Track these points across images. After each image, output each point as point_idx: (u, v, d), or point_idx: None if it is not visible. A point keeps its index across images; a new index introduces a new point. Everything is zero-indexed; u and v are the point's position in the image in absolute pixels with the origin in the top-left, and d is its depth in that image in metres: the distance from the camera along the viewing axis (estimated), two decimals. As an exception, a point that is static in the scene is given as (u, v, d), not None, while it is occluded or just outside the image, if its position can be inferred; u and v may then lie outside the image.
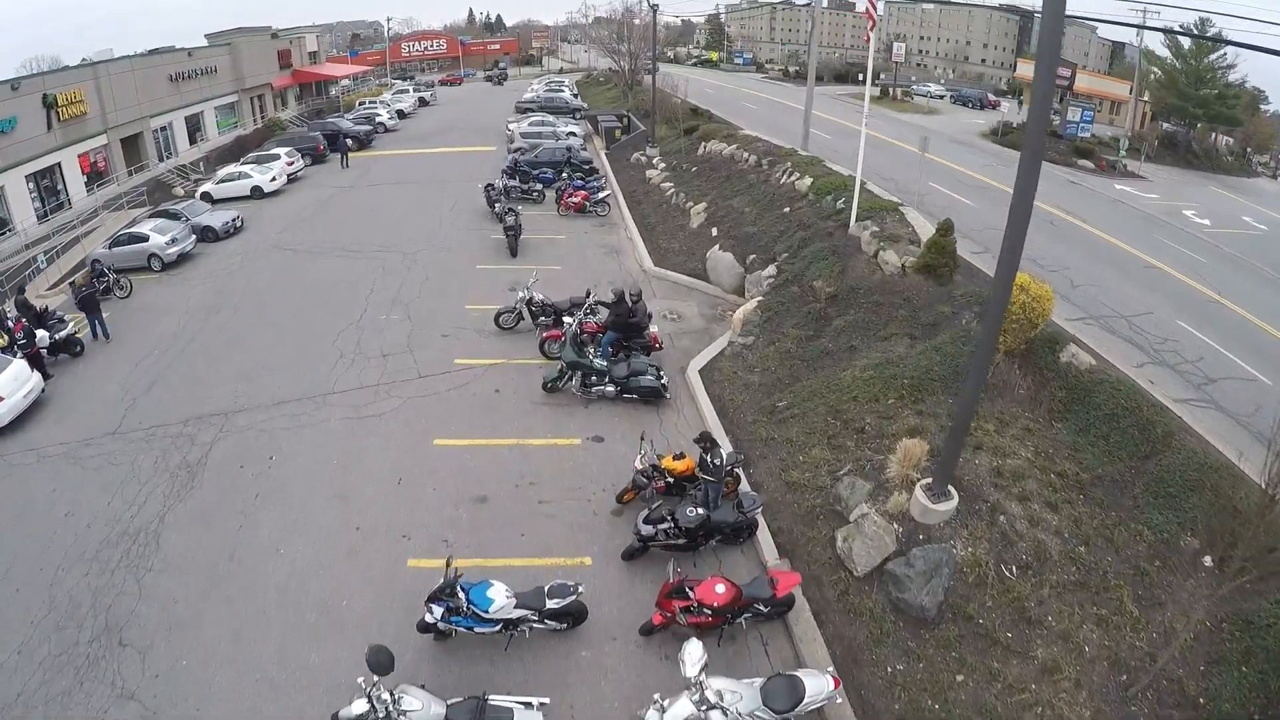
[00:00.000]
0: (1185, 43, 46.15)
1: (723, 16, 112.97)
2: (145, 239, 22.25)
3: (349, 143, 37.03)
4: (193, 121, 40.60)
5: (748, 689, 7.49)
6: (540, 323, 16.38)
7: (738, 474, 11.05)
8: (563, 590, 8.62)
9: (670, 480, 10.59)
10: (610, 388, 13.56)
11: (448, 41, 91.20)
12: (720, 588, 8.60)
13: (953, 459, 9.90)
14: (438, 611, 8.41)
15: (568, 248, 22.79)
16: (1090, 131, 42.40)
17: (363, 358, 15.69)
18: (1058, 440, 11.60)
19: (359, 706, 6.89)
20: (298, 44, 54.73)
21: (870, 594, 9.65)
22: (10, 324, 16.02)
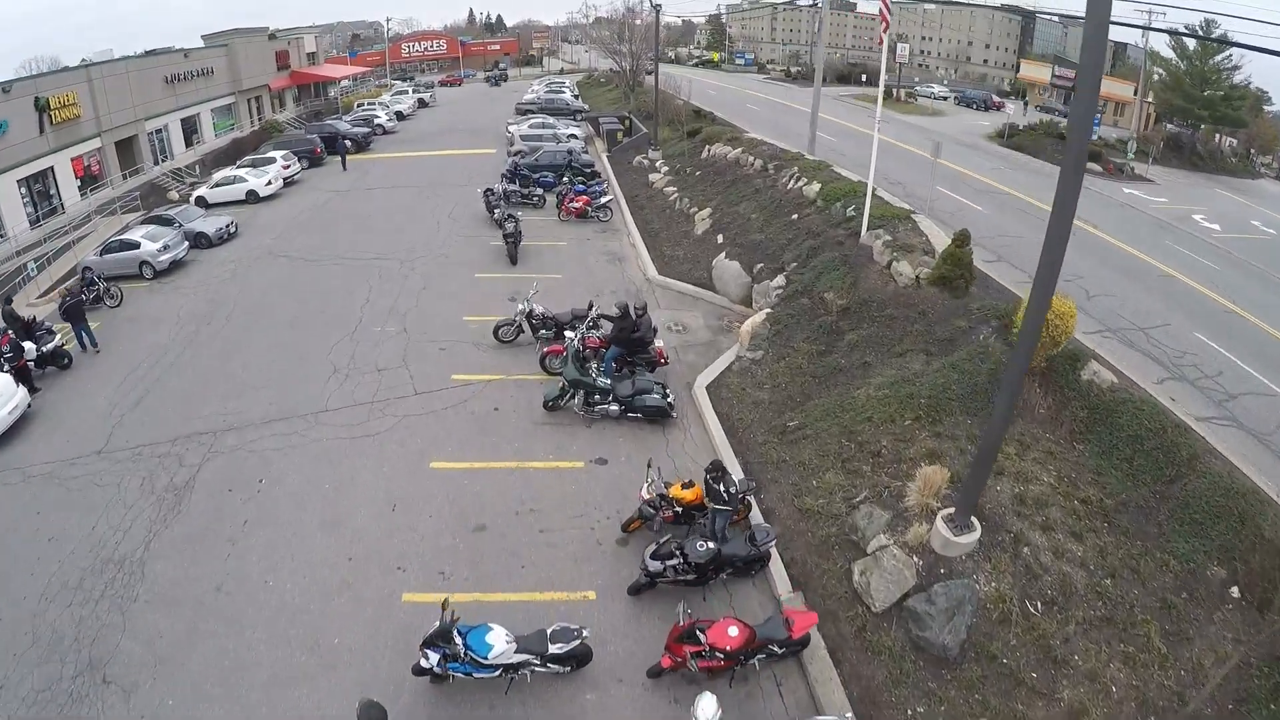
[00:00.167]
0: (1190, 44, 45.72)
1: (724, 17, 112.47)
2: (137, 246, 21.75)
3: (347, 145, 36.55)
4: (189, 124, 40.11)
5: None
6: (541, 336, 15.88)
7: (749, 501, 10.56)
8: (566, 634, 8.14)
9: (679, 510, 10.07)
10: (614, 407, 13.01)
11: (448, 42, 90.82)
12: (733, 630, 8.13)
13: (977, 490, 9.45)
14: (434, 658, 7.93)
15: (569, 255, 22.27)
16: (1097, 134, 41.91)
17: (357, 372, 15.20)
18: (1080, 464, 11.24)
19: None
20: (296, 45, 54.22)
21: (889, 631, 9.26)
22: (-4, 337, 15.58)
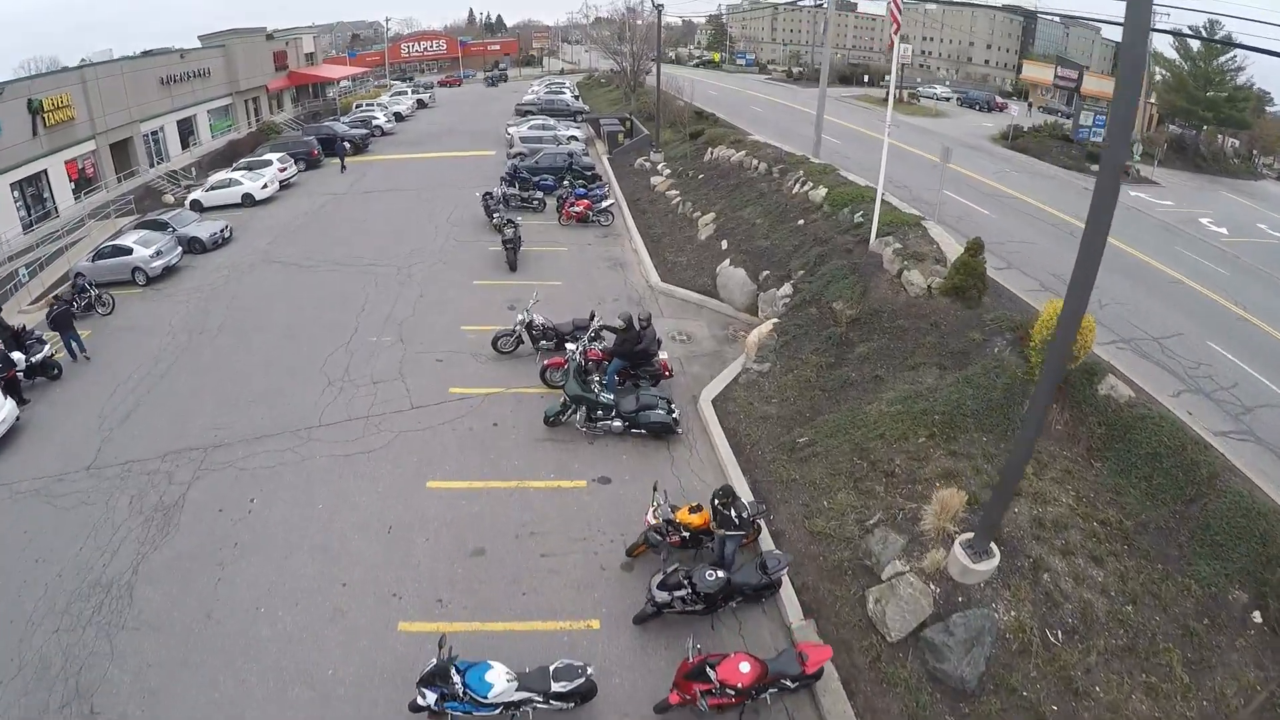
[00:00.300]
0: (1194, 45, 45.34)
1: (724, 17, 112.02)
2: (129, 252, 21.30)
3: (346, 146, 36.15)
4: (185, 125, 39.67)
5: None
6: (541, 347, 15.46)
7: (759, 524, 10.16)
8: (570, 672, 7.74)
9: (686, 535, 9.67)
10: (617, 423, 12.57)
11: (447, 42, 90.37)
12: (745, 666, 7.74)
13: (998, 517, 9.11)
14: (431, 697, 7.55)
15: (569, 261, 21.86)
16: (1103, 136, 41.47)
17: (351, 385, 14.78)
18: (1099, 483, 10.92)
19: None
20: (294, 45, 53.77)
21: (905, 662, 8.91)
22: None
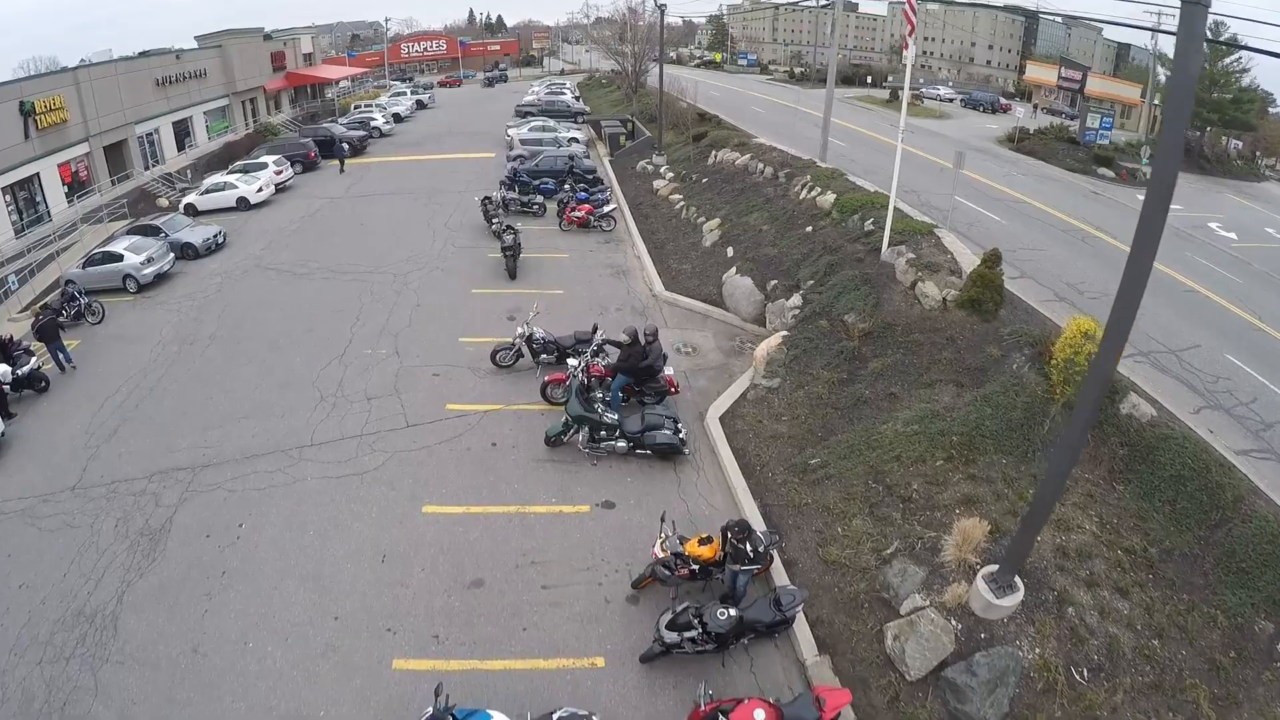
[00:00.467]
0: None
1: (725, 17, 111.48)
2: (120, 258, 20.78)
3: (345, 147, 35.63)
4: (181, 127, 39.16)
5: None
6: (541, 361, 14.89)
7: (771, 555, 9.65)
8: (574, 724, 7.24)
9: (696, 567, 9.16)
10: (622, 443, 12.02)
11: (447, 42, 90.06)
12: (760, 713, 7.24)
13: (1024, 551, 8.62)
14: (425, 750, 7.03)
15: (571, 268, 21.31)
16: (1109, 138, 41.01)
17: (345, 401, 14.23)
18: (1122, 508, 10.48)
19: None
20: (292, 45, 53.29)
21: (925, 703, 8.46)
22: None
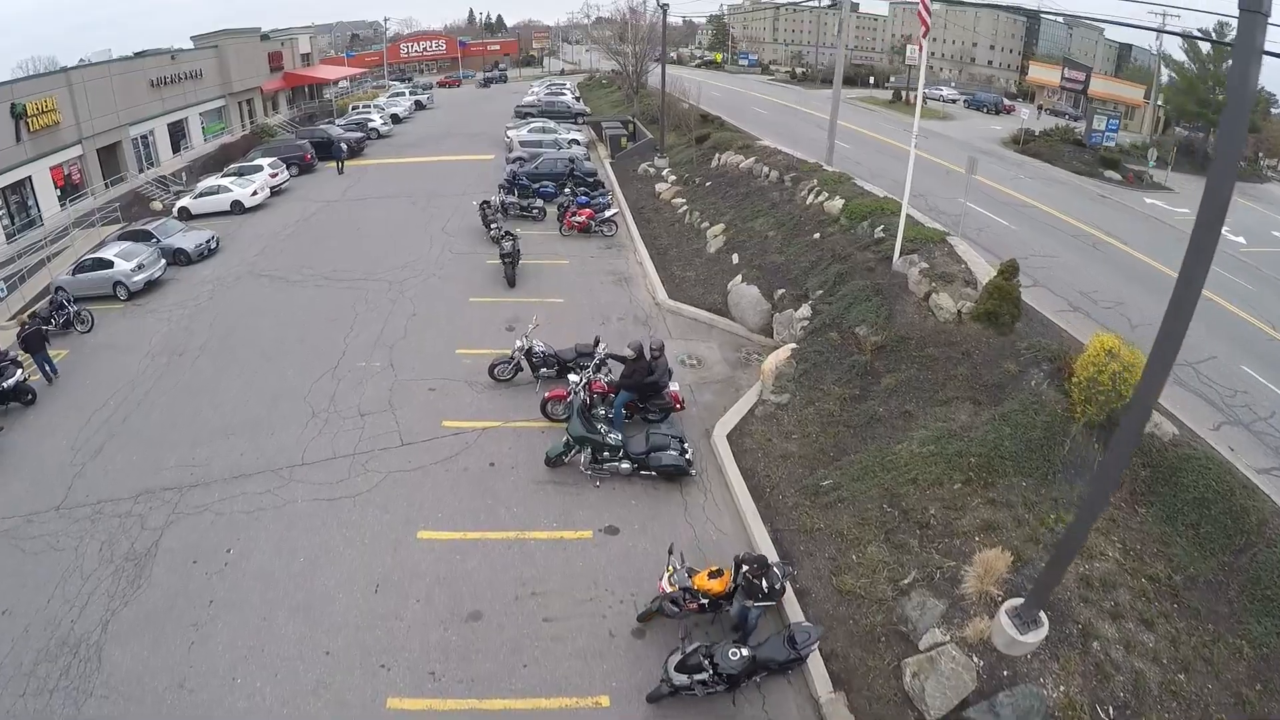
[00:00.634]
0: (1204, 47, 44.39)
1: (726, 17, 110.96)
2: (110, 265, 20.27)
3: (343, 148, 35.15)
4: (176, 128, 38.64)
5: None
6: (541, 375, 14.37)
7: (784, 587, 9.17)
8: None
9: (705, 601, 8.69)
10: (625, 464, 11.51)
11: (447, 42, 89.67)
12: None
13: (1051, 586, 8.17)
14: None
15: (571, 275, 20.80)
16: (1115, 140, 40.56)
17: (337, 417, 13.72)
18: (1144, 532, 10.07)
19: None
20: (290, 46, 52.80)
21: (948, 746, 7.93)
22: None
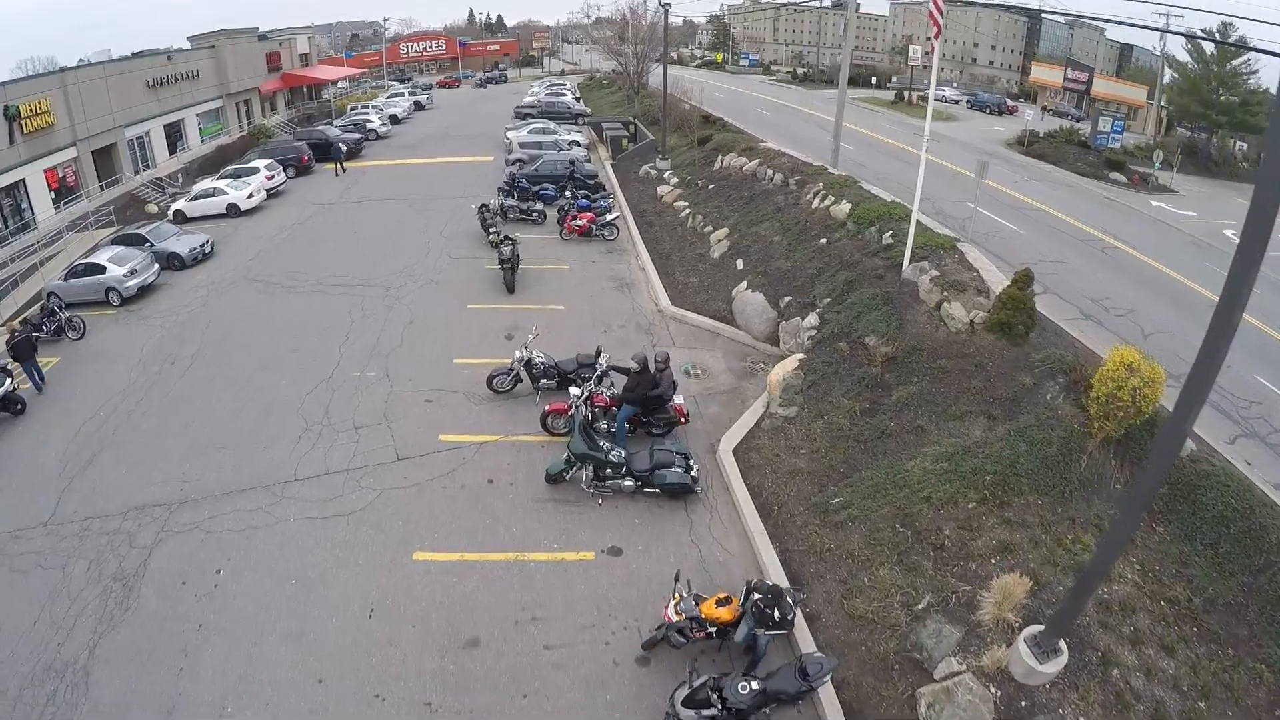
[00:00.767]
0: (1208, 48, 44.06)
1: (726, 17, 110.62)
2: (102, 270, 19.93)
3: (343, 149, 34.79)
4: (173, 129, 38.26)
5: None
6: (541, 387, 14.00)
7: (794, 614, 8.82)
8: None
9: (713, 630, 8.35)
10: (629, 482, 11.13)
11: (446, 42, 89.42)
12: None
13: (1074, 615, 7.83)
14: None
15: (572, 281, 20.41)
16: (1120, 142, 40.20)
17: (331, 430, 13.34)
18: (1163, 552, 9.77)
19: None
20: (288, 46, 52.39)
21: (967, 782, 7.58)
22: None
